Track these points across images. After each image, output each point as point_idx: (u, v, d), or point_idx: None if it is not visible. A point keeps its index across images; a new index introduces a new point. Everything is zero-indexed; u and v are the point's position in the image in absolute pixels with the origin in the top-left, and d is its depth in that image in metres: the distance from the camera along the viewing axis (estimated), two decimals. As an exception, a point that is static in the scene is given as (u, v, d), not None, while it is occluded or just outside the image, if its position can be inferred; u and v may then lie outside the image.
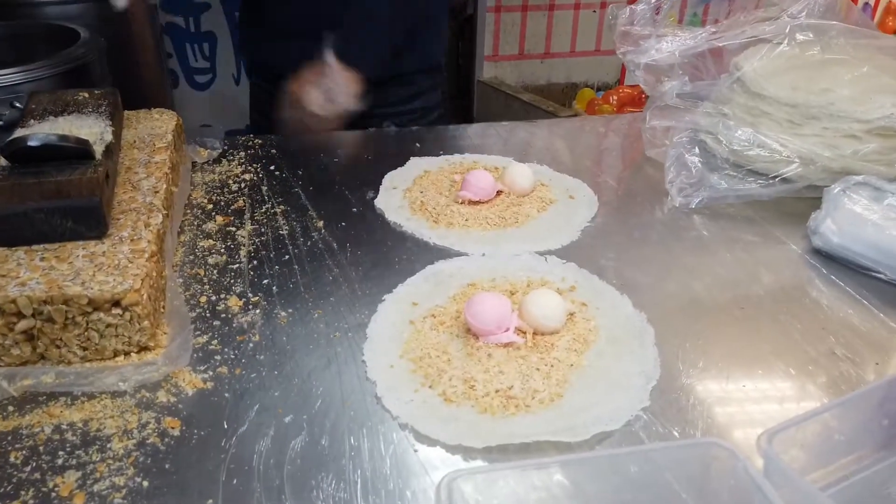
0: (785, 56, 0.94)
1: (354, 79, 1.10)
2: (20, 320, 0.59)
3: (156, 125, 0.91)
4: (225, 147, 1.04)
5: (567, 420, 0.57)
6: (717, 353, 0.66)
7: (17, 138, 0.69)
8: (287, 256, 0.79)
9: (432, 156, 1.04)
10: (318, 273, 0.77)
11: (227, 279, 0.75)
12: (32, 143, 0.67)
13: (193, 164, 0.98)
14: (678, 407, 0.60)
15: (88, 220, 0.66)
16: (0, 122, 1.00)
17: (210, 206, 0.89)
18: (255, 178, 0.96)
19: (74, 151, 0.69)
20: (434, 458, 0.54)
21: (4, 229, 0.65)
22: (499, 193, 0.92)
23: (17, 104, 1.02)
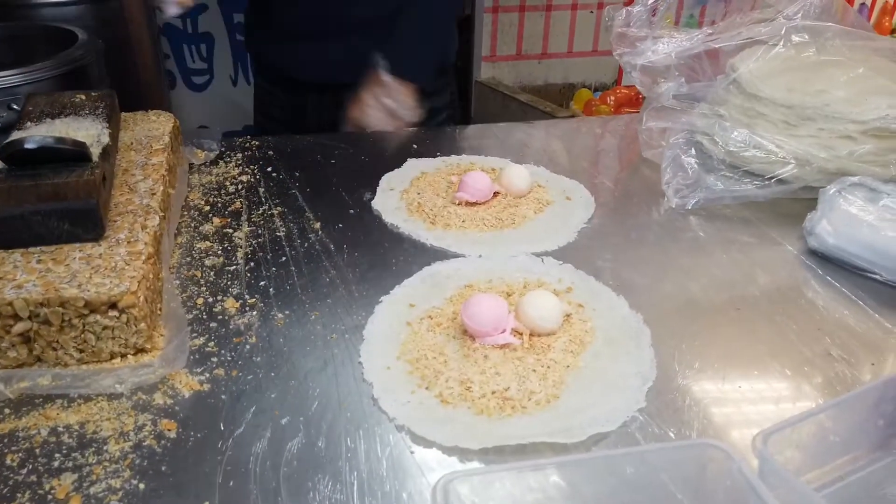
0: (781, 58, 0.94)
1: (411, 91, 1.14)
2: (17, 322, 0.59)
3: (153, 127, 0.91)
4: (222, 149, 1.04)
5: (563, 421, 0.57)
6: (714, 353, 0.66)
7: (13, 140, 0.69)
8: (284, 258, 0.79)
9: (429, 157, 1.04)
10: (314, 275, 0.77)
11: (224, 281, 0.75)
12: (29, 145, 0.67)
13: (190, 165, 0.98)
14: (674, 408, 0.60)
15: (85, 222, 0.66)
16: (-3, 124, 1.00)
17: (207, 208, 0.89)
18: (252, 180, 0.97)
19: (71, 154, 0.69)
20: (430, 459, 0.54)
21: (1, 231, 0.65)
22: (496, 195, 0.92)
23: (14, 106, 1.02)
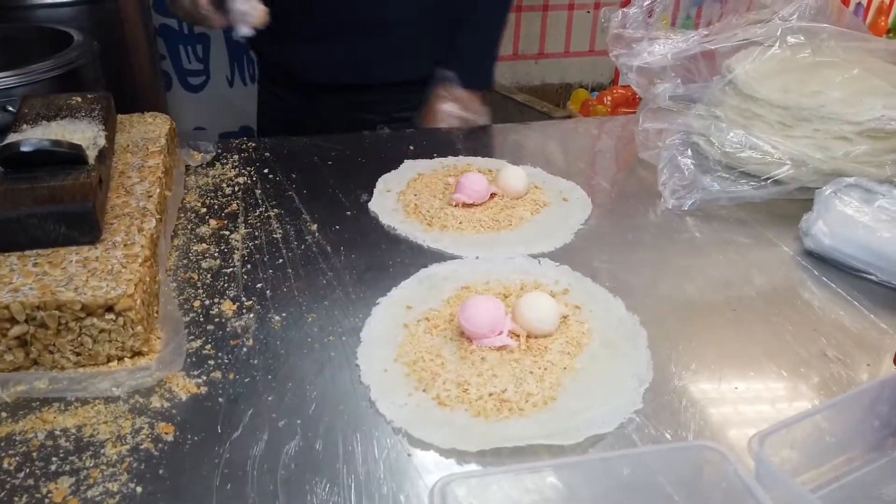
0: (776, 59, 0.95)
1: (479, 98, 1.18)
2: (13, 326, 0.59)
3: (149, 129, 0.91)
4: (218, 150, 1.04)
5: (560, 423, 0.57)
6: (710, 355, 0.67)
7: (9, 143, 0.69)
8: (281, 260, 0.79)
9: (426, 158, 1.04)
10: (311, 277, 0.77)
11: (221, 283, 0.75)
12: (25, 148, 0.67)
13: (187, 167, 0.98)
14: (671, 409, 0.60)
15: (81, 225, 0.66)
16: (-7, 127, 1.00)
17: (204, 210, 0.89)
18: (248, 182, 0.96)
19: (67, 156, 0.69)
20: (428, 461, 0.54)
21: (-3, 235, 0.65)
22: (492, 196, 0.92)
23: (9, 108, 1.02)
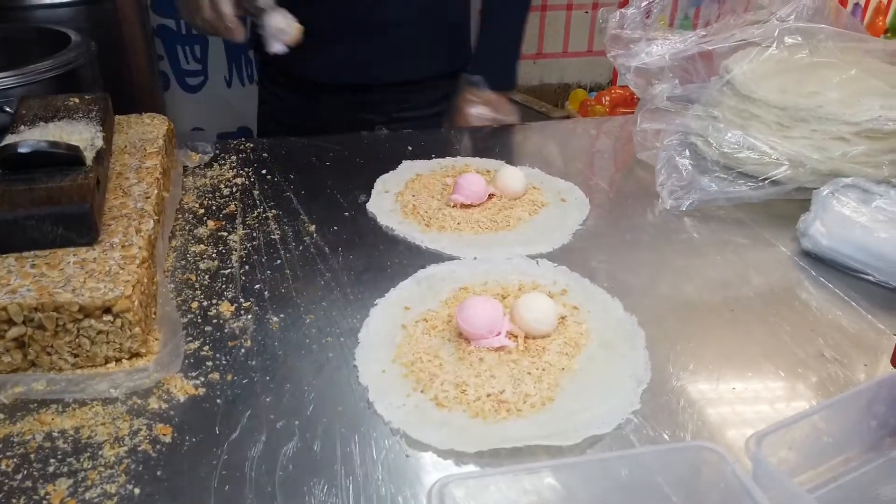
0: (774, 59, 0.95)
1: (506, 99, 1.20)
2: (11, 328, 0.59)
3: (147, 130, 0.91)
4: (216, 151, 1.04)
5: (558, 424, 0.57)
6: (708, 355, 0.67)
7: (7, 145, 0.68)
8: (279, 261, 0.79)
9: (424, 159, 1.04)
10: (309, 278, 0.77)
11: (219, 284, 0.75)
12: (23, 149, 0.67)
13: (185, 168, 0.98)
14: (669, 410, 0.60)
15: (79, 226, 0.66)
16: (-10, 128, 1.00)
17: (201, 211, 0.89)
18: (246, 183, 0.96)
19: (65, 158, 0.69)
20: (426, 463, 0.54)
21: (-5, 236, 0.65)
22: (490, 197, 0.92)
23: (7, 109, 1.02)
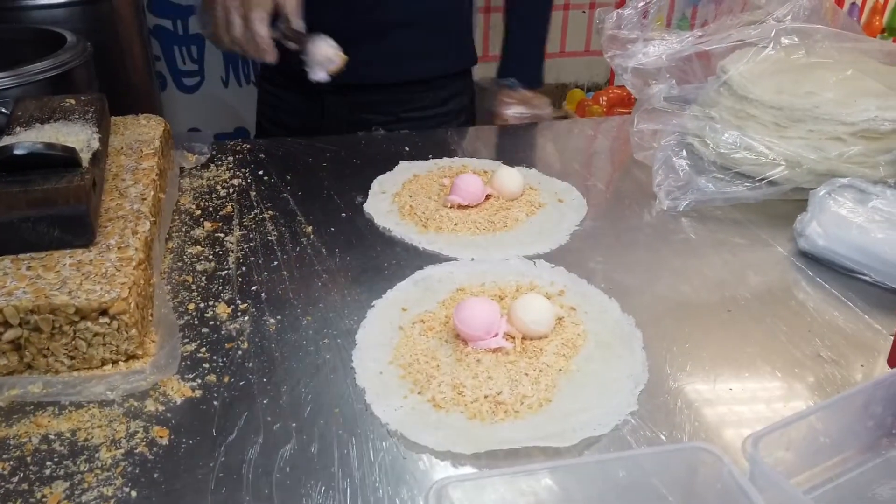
0: (770, 59, 0.95)
1: (541, 95, 1.25)
2: (7, 330, 0.59)
3: (143, 131, 0.91)
4: (213, 152, 1.04)
5: (555, 425, 0.57)
6: (705, 355, 0.67)
7: (2, 147, 0.68)
8: (276, 262, 0.79)
9: (421, 159, 1.04)
10: (306, 279, 0.77)
11: (216, 286, 0.75)
12: (18, 151, 0.67)
13: (181, 169, 0.98)
14: (666, 410, 0.60)
15: (75, 228, 0.66)
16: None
17: (198, 212, 0.89)
18: (243, 184, 0.96)
19: (61, 159, 0.69)
20: (423, 464, 0.54)
21: (-10, 238, 0.65)
22: (488, 197, 0.92)
23: (2, 110, 1.02)
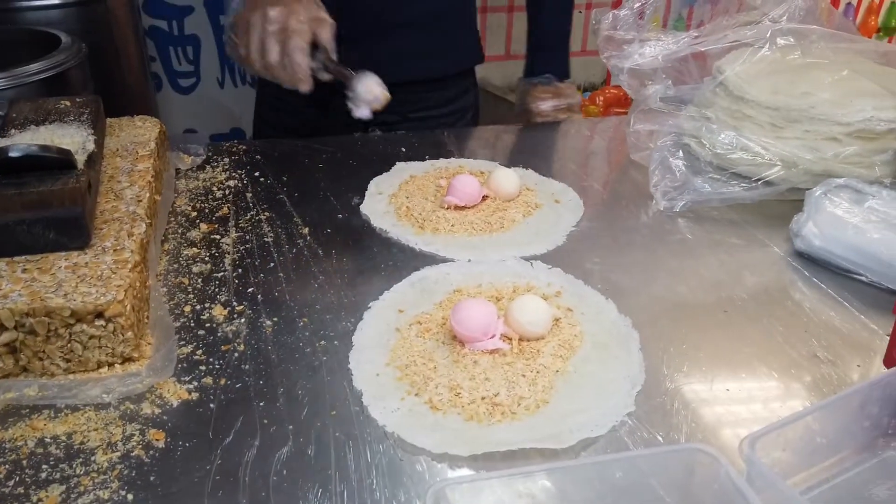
0: (766, 60, 0.95)
1: (571, 85, 1.31)
2: (2, 333, 0.59)
3: (139, 133, 0.91)
4: (209, 153, 1.04)
5: (552, 427, 0.57)
6: (701, 356, 0.67)
7: (-3, 149, 0.68)
8: (272, 264, 0.79)
9: (418, 160, 1.04)
10: (303, 281, 0.76)
11: (212, 288, 0.74)
12: (13, 153, 0.67)
13: (177, 170, 0.98)
14: (663, 411, 0.60)
15: (71, 230, 0.66)
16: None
17: (194, 214, 0.88)
18: (239, 185, 0.96)
19: (56, 161, 0.68)
20: (420, 466, 0.54)
21: (-15, 241, 0.64)
22: (484, 198, 0.92)
23: (-3, 111, 1.01)
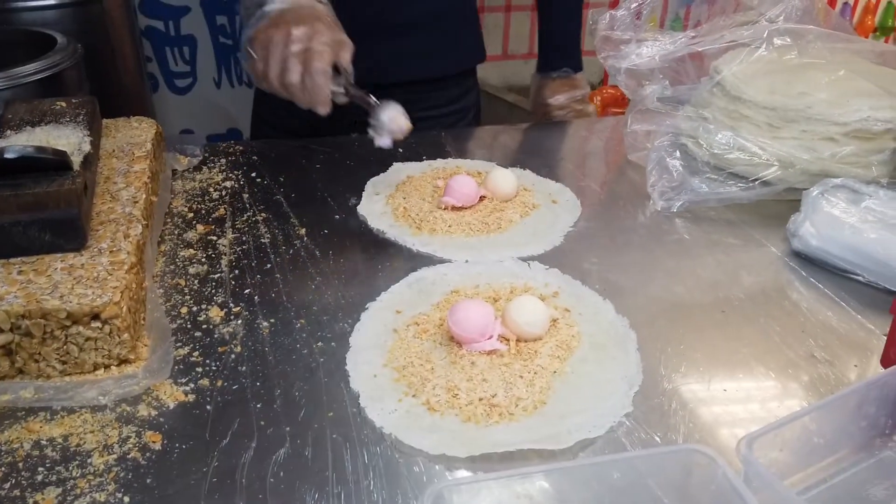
0: (763, 60, 0.95)
1: (581, 77, 1.37)
2: (-3, 335, 0.58)
3: (135, 134, 0.90)
4: (205, 154, 1.03)
5: (550, 427, 0.57)
6: (699, 356, 0.67)
7: (-7, 150, 0.68)
8: (269, 265, 0.79)
9: (415, 161, 1.04)
10: (300, 282, 0.76)
11: (209, 289, 0.74)
12: (9, 155, 0.66)
13: (174, 171, 0.98)
14: (660, 412, 0.60)
15: (67, 232, 0.66)
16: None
17: (191, 215, 0.88)
18: (236, 186, 0.96)
19: (52, 163, 0.68)
20: (418, 468, 0.54)
21: (-19, 242, 0.64)
22: (482, 199, 0.92)
23: (-7, 112, 1.01)
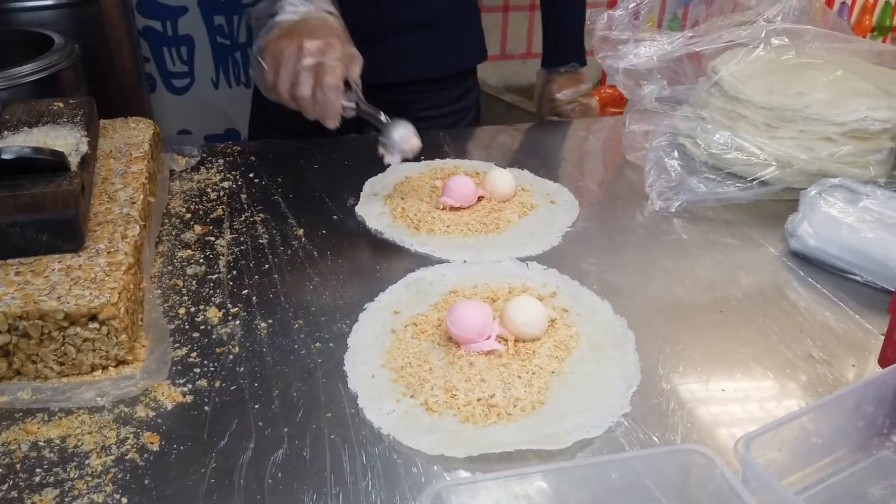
0: (761, 60, 0.95)
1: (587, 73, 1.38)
2: (-5, 336, 0.58)
3: (132, 134, 0.90)
4: (203, 155, 1.03)
5: (548, 428, 0.57)
6: (697, 357, 0.67)
7: (-10, 151, 0.68)
8: (267, 266, 0.79)
9: (413, 161, 1.04)
10: (298, 282, 0.76)
11: (207, 290, 0.74)
12: (6, 156, 0.66)
13: (171, 172, 0.97)
14: (659, 412, 0.60)
15: (64, 233, 0.66)
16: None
17: (188, 216, 0.88)
18: (233, 186, 0.96)
19: (49, 164, 0.68)
20: (416, 468, 0.54)
21: (-22, 243, 0.64)
22: (480, 199, 0.92)
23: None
